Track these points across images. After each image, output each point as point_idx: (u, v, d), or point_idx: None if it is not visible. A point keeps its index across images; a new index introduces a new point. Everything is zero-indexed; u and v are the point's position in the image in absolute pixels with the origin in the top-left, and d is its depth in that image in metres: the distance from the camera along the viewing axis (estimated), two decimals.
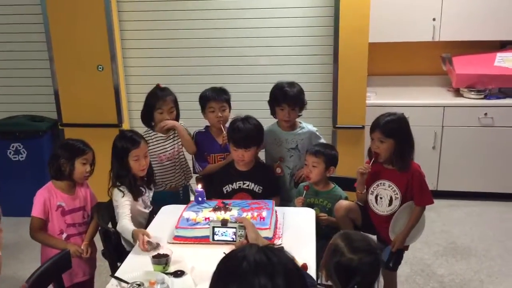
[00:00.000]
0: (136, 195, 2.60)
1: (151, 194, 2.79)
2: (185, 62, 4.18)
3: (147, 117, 3.09)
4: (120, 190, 2.55)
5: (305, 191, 2.79)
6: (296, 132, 3.07)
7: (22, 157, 4.21)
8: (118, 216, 2.50)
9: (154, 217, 2.65)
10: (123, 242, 2.56)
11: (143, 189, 2.67)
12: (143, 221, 2.70)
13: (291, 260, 1.21)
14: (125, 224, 2.40)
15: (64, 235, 2.57)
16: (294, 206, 2.80)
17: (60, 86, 4.12)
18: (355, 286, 1.48)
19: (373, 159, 2.65)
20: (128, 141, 2.60)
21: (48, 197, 2.52)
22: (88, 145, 2.62)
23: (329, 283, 1.59)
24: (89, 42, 4.00)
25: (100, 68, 4.04)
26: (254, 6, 3.99)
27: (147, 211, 2.72)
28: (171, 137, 3.11)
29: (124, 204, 2.51)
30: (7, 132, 4.18)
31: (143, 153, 2.62)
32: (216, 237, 2.16)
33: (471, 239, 3.78)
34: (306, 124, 3.12)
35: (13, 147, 4.19)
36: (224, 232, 2.15)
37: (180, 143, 3.12)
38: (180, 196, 3.19)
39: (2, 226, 1.68)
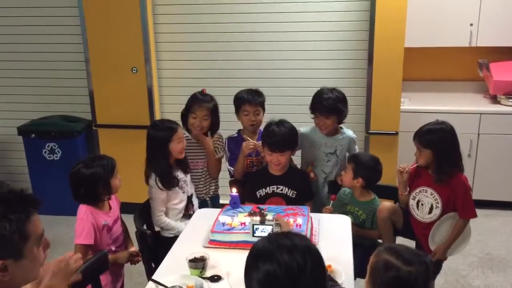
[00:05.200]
0: (170, 184, 2.70)
1: (188, 177, 2.88)
2: (219, 65, 4.18)
3: (184, 118, 3.08)
4: (156, 184, 2.67)
5: (331, 201, 2.76)
6: (337, 138, 3.04)
7: (57, 157, 4.28)
8: (154, 210, 2.71)
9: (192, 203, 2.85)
10: (164, 234, 2.74)
11: (179, 175, 2.77)
12: (180, 214, 2.80)
13: (312, 244, 1.41)
14: (170, 223, 2.71)
15: (113, 249, 2.52)
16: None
17: (95, 87, 4.18)
18: None
19: (416, 163, 2.61)
20: (167, 128, 2.72)
21: (94, 221, 2.40)
22: (109, 157, 2.50)
23: None
24: (124, 44, 4.05)
25: (134, 70, 4.09)
26: (288, 10, 3.97)
27: (185, 196, 2.82)
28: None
29: (159, 200, 2.69)
30: (42, 131, 4.26)
31: (182, 135, 2.77)
32: (256, 233, 2.23)
33: (507, 250, 3.69)
34: (347, 130, 3.09)
35: (48, 146, 4.27)
36: (263, 229, 2.22)
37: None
38: (208, 205, 3.16)
39: None
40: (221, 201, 3.30)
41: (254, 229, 2.22)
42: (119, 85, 4.14)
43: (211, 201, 3.20)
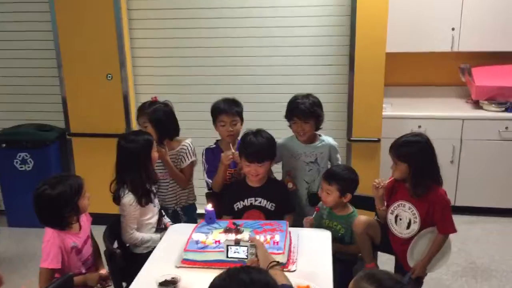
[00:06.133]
0: (148, 199, 2.60)
1: (154, 189, 2.78)
2: (197, 71, 4.06)
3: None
4: (135, 201, 2.56)
5: (315, 212, 2.67)
6: (316, 145, 2.94)
7: (29, 167, 4.13)
8: (125, 228, 2.56)
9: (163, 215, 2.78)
10: (136, 251, 2.62)
11: (153, 191, 2.68)
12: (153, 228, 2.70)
13: (271, 279, 1.38)
14: (143, 237, 2.60)
15: (83, 271, 2.38)
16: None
17: (68, 94, 4.03)
18: None
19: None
20: (146, 139, 2.63)
21: (62, 243, 2.25)
22: (76, 176, 2.37)
23: None
24: (98, 50, 3.91)
25: (109, 77, 3.95)
26: (267, 15, 3.87)
27: (156, 209, 2.72)
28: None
29: (133, 217, 2.57)
30: (14, 141, 4.10)
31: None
32: (230, 254, 2.14)
33: (491, 259, 3.63)
34: (327, 137, 3.00)
35: (19, 156, 4.11)
36: (237, 250, 2.12)
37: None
38: (180, 216, 3.08)
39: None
40: (198, 211, 3.21)
41: (228, 249, 2.11)
42: (94, 92, 4.00)
43: (185, 212, 3.11)
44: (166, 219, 2.86)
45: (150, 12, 3.99)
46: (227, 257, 2.11)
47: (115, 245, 2.61)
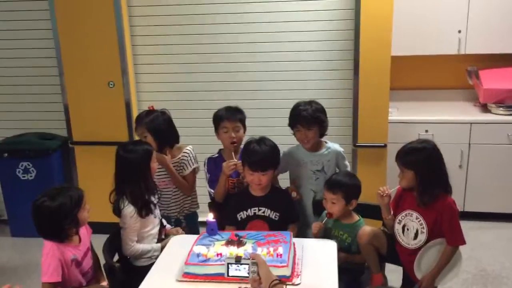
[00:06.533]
0: (149, 211, 2.54)
1: (155, 199, 2.72)
2: (200, 77, 4.01)
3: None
4: (136, 213, 2.50)
5: (326, 218, 2.60)
6: (322, 153, 2.88)
7: (31, 176, 4.09)
8: (125, 240, 2.50)
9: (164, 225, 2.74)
10: (137, 263, 2.56)
11: (154, 202, 2.62)
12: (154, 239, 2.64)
13: None
14: (144, 248, 2.53)
15: (83, 284, 2.34)
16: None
17: (70, 102, 4.00)
18: None
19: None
20: (145, 149, 2.58)
21: (61, 256, 2.21)
22: (76, 188, 2.34)
23: None
24: (100, 57, 3.87)
25: (111, 84, 3.91)
26: (272, 20, 3.81)
27: (157, 220, 2.67)
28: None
29: (133, 229, 2.51)
30: (16, 150, 4.06)
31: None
32: (230, 273, 2.07)
33: (502, 266, 3.55)
34: (333, 144, 2.94)
35: (22, 166, 4.07)
36: (237, 268, 2.05)
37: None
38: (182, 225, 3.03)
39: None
40: (199, 219, 3.17)
41: (229, 268, 2.04)
42: (96, 100, 3.96)
43: (187, 220, 3.07)
44: (167, 225, 2.82)
45: (152, 18, 3.94)
46: (228, 275, 2.04)
47: (116, 257, 2.56)
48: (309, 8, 3.75)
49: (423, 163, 2.36)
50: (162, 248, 2.50)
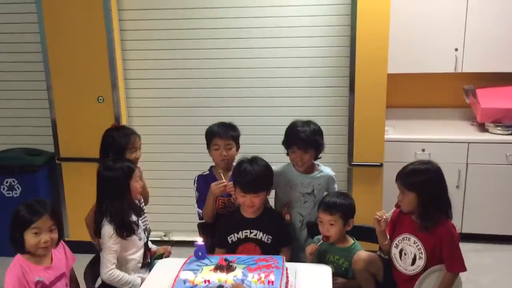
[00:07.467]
0: (130, 230, 2.43)
1: (141, 222, 2.61)
2: (192, 93, 3.91)
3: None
4: (115, 232, 2.38)
5: (322, 241, 2.49)
6: (314, 176, 2.77)
7: (16, 194, 3.95)
8: (104, 263, 2.36)
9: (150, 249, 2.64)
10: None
11: (136, 222, 2.50)
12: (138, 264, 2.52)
13: None
14: (123, 277, 2.38)
15: None
16: (306, 256, 2.50)
17: (58, 117, 3.88)
18: None
19: (398, 208, 2.36)
20: (124, 167, 2.49)
21: (22, 275, 2.06)
22: (38, 209, 2.11)
23: None
24: (89, 71, 3.77)
25: (100, 99, 3.81)
26: (265, 35, 3.74)
27: (141, 243, 2.55)
28: None
29: (112, 251, 2.38)
30: (0, 166, 3.92)
31: (138, 174, 2.58)
32: None
33: None
34: (325, 167, 2.83)
35: (7, 182, 3.94)
36: None
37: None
38: None
39: None
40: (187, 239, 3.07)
41: None
42: (84, 115, 3.84)
43: None
44: (153, 246, 2.70)
45: (143, 33, 3.86)
46: None
47: (99, 281, 2.43)
48: (304, 24, 3.68)
49: (426, 185, 2.26)
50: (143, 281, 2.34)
